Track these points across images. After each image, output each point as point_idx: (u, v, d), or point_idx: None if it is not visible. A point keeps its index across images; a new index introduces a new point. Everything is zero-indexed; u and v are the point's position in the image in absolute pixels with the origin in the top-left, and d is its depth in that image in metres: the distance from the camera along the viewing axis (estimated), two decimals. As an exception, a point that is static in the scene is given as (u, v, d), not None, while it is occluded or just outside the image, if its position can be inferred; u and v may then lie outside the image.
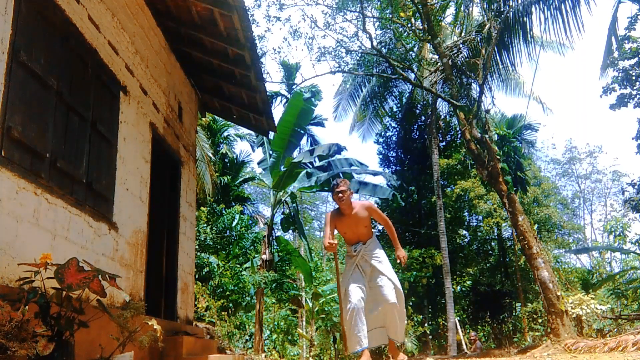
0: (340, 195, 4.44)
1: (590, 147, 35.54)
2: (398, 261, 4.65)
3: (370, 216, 4.63)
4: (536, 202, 19.56)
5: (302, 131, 13.07)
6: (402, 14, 11.39)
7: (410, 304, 17.17)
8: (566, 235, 23.69)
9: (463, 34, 12.32)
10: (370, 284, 4.48)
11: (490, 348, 14.13)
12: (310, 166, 12.77)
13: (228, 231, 14.46)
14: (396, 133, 21.43)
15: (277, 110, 21.26)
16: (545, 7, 9.30)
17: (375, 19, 13.52)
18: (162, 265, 5.50)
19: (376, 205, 4.78)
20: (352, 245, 4.67)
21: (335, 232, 4.74)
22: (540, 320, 14.88)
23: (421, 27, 11.43)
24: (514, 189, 10.16)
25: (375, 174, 13.81)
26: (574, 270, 17.87)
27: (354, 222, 4.56)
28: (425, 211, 20.28)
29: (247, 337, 13.62)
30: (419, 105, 19.01)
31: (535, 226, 15.96)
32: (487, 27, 10.15)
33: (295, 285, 15.80)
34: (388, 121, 20.88)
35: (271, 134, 10.27)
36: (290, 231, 17.28)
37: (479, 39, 10.92)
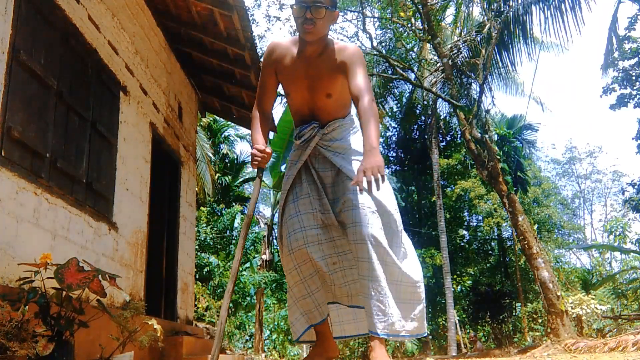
0: (309, 20, 2.13)
1: (590, 147, 35.60)
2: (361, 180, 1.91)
3: (347, 74, 2.18)
4: (536, 202, 19.57)
5: (302, 131, 13.06)
6: (402, 14, 11.39)
7: (410, 304, 17.15)
8: (566, 235, 23.70)
9: (463, 34, 12.32)
10: (339, 216, 2.24)
11: (490, 348, 14.12)
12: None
13: (228, 231, 14.47)
14: (396, 133, 21.45)
15: (277, 110, 21.29)
16: (545, 7, 9.31)
17: (375, 19, 13.52)
18: (162, 265, 5.50)
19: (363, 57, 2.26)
20: (299, 126, 2.40)
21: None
22: (540, 320, 14.88)
23: (421, 27, 11.43)
24: (514, 189, 10.18)
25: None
26: (574, 270, 17.87)
27: (313, 76, 2.24)
28: (425, 211, 20.29)
29: (247, 337, 13.63)
30: (419, 105, 19.02)
31: (535, 226, 15.96)
32: (487, 27, 10.15)
33: (295, 285, 15.78)
34: (388, 121, 20.90)
35: (271, 134, 10.28)
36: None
37: (479, 39, 10.92)
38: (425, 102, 18.02)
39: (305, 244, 2.20)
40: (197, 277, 11.33)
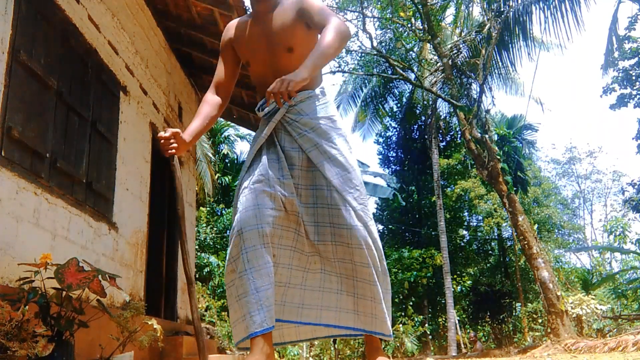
0: None
1: (590, 147, 35.65)
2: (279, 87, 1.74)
3: (310, 26, 2.00)
4: (536, 202, 19.57)
5: (302, 131, 13.06)
6: (402, 14, 11.40)
7: (411, 304, 17.18)
8: (566, 235, 23.70)
9: (463, 34, 12.33)
10: (310, 210, 1.93)
11: (490, 348, 14.13)
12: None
13: (228, 231, 14.46)
14: (396, 133, 21.44)
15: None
16: (545, 7, 9.32)
17: (375, 19, 13.52)
18: (162, 265, 5.50)
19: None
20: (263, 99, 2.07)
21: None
22: (540, 320, 14.88)
23: (421, 27, 11.44)
24: (514, 189, 10.17)
25: (376, 175, 13.84)
26: (574, 270, 17.87)
27: (269, 31, 2.02)
28: (425, 211, 20.27)
29: (247, 337, 13.61)
30: (419, 105, 19.02)
31: (535, 226, 15.95)
32: (487, 27, 10.15)
33: (295, 285, 15.77)
34: (388, 121, 20.89)
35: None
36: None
37: (479, 39, 10.93)
38: (425, 102, 18.01)
39: (258, 224, 1.80)
40: (197, 277, 11.34)
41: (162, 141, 1.98)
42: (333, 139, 1.99)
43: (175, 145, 1.99)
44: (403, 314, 16.67)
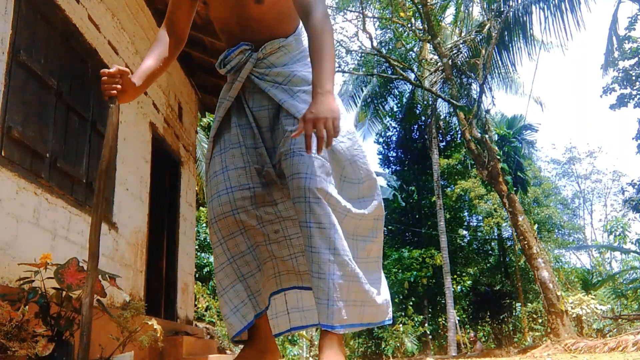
0: None
1: (590, 147, 35.70)
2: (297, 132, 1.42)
3: None
4: (536, 202, 19.57)
5: (302, 131, 13.06)
6: (402, 14, 11.40)
7: (411, 304, 17.18)
8: (566, 235, 23.70)
9: (463, 34, 12.33)
10: (279, 168, 1.64)
11: (490, 348, 14.13)
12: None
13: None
14: (396, 133, 21.46)
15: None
16: (545, 7, 9.33)
17: (375, 19, 13.53)
18: (162, 265, 5.50)
19: None
20: (229, 49, 1.73)
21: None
22: (540, 320, 14.89)
23: (421, 27, 11.44)
24: (514, 189, 10.18)
25: (376, 175, 13.84)
26: (574, 270, 17.88)
27: None
28: (425, 211, 20.28)
29: (247, 337, 13.59)
30: (419, 105, 19.03)
31: (535, 226, 15.96)
32: (487, 27, 10.16)
33: (295, 285, 15.76)
34: (388, 121, 20.90)
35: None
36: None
37: (479, 39, 10.93)
38: (425, 102, 18.02)
39: (233, 210, 1.62)
40: (197, 277, 11.33)
41: (105, 78, 1.62)
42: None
43: (119, 86, 1.65)
44: (403, 314, 16.68)
